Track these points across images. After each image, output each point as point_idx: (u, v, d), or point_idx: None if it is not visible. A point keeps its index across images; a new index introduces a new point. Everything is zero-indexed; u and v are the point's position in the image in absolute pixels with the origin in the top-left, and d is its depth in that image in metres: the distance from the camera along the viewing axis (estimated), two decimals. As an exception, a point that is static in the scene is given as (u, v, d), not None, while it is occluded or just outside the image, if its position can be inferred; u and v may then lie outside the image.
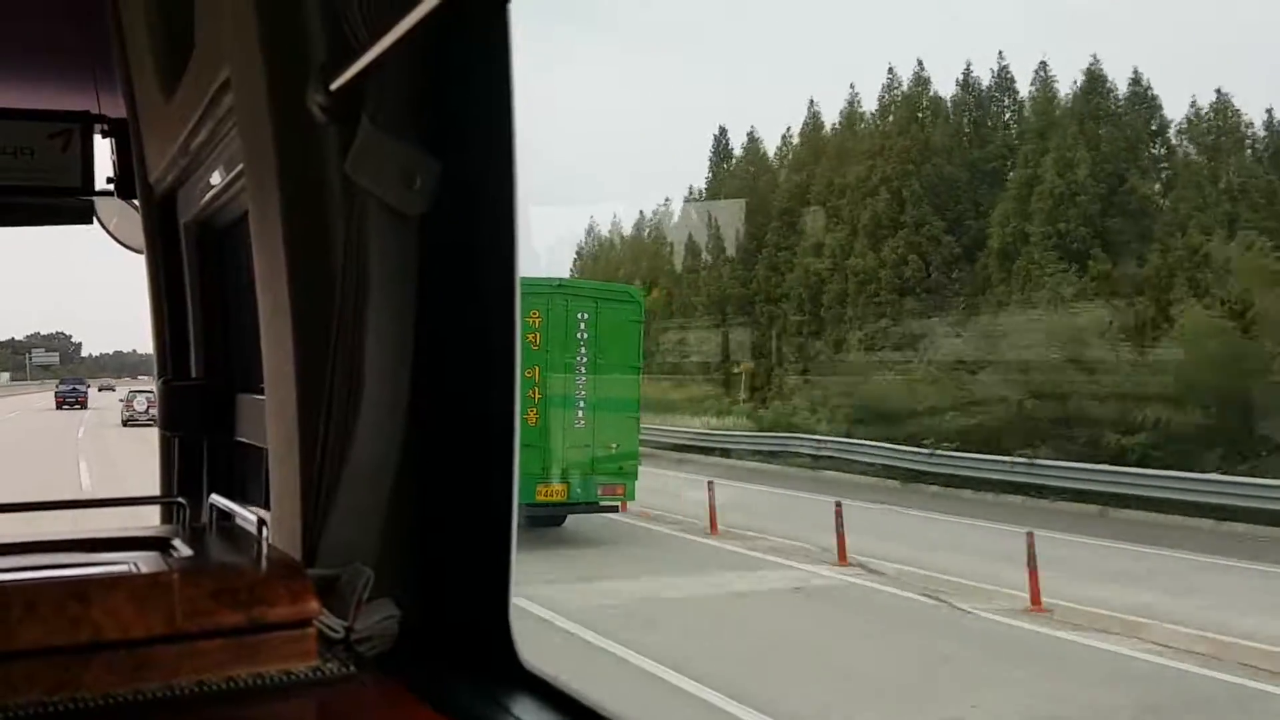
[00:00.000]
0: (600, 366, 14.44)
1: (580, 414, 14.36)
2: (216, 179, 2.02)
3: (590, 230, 46.07)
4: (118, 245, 2.87)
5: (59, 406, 49.04)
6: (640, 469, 15.11)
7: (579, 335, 14.21)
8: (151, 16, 2.10)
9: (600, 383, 14.48)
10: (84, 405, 49.65)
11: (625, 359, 14.71)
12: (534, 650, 1.33)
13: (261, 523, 1.27)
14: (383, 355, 1.35)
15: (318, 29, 1.36)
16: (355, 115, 1.31)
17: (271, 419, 1.56)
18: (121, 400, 39.91)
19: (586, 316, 14.26)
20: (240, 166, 1.76)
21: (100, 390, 61.50)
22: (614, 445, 14.58)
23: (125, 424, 34.87)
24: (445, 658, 1.35)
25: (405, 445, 1.39)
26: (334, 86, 1.32)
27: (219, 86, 1.70)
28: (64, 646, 1.11)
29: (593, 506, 14.52)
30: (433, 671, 1.30)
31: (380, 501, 1.39)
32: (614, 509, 14.91)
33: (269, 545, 1.27)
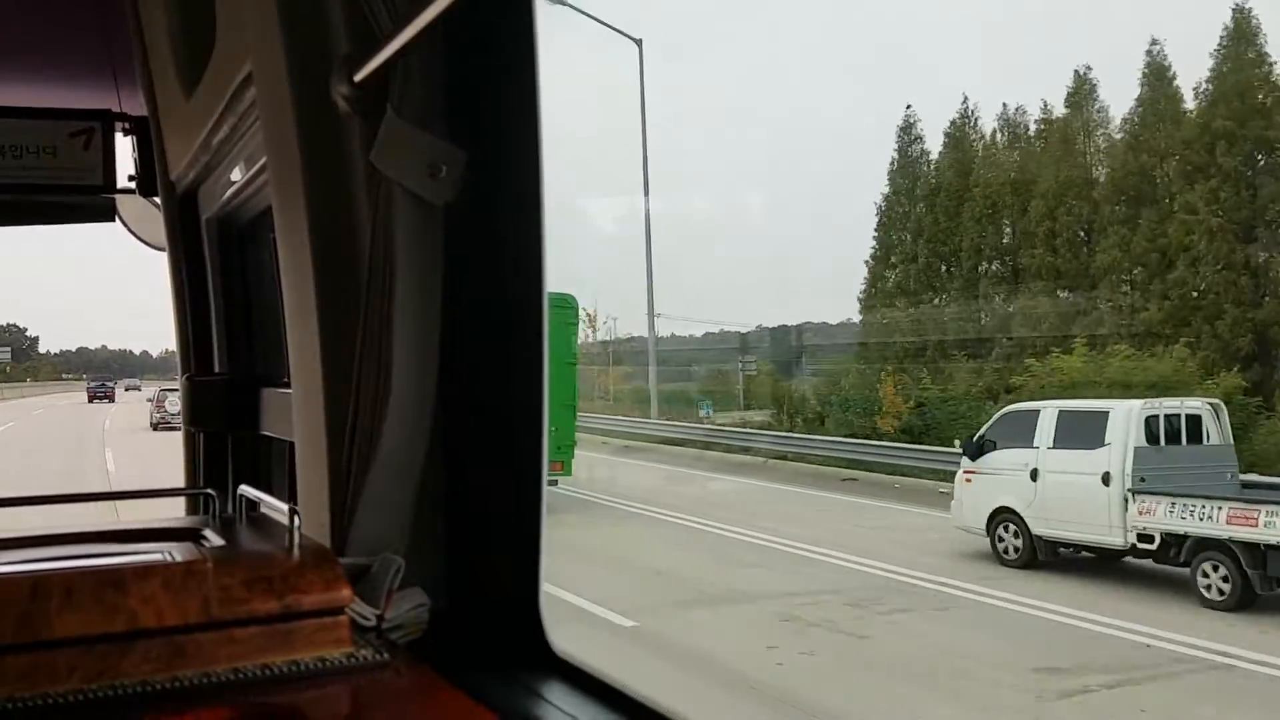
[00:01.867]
0: (542, 362, 16.66)
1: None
2: (237, 175, 2.04)
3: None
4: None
5: (90, 400, 53.35)
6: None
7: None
8: (171, 15, 2.12)
9: (542, 376, 16.70)
10: (111, 399, 54.18)
11: (561, 356, 16.26)
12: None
13: (294, 512, 1.28)
14: (410, 345, 1.36)
15: (340, 21, 1.36)
16: (380, 106, 1.32)
17: (298, 412, 1.57)
18: (150, 400, 35.00)
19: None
20: (262, 162, 1.77)
21: (126, 390, 62.42)
22: (554, 429, 16.99)
23: (155, 428, 29.94)
24: (476, 645, 1.36)
25: (433, 435, 1.40)
26: (358, 78, 1.33)
27: (241, 82, 1.71)
28: (102, 635, 1.12)
29: (536, 480, 16.86)
30: (464, 659, 1.31)
31: (409, 491, 1.40)
32: (553, 483, 16.58)
33: (300, 535, 1.28)
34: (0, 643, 1.09)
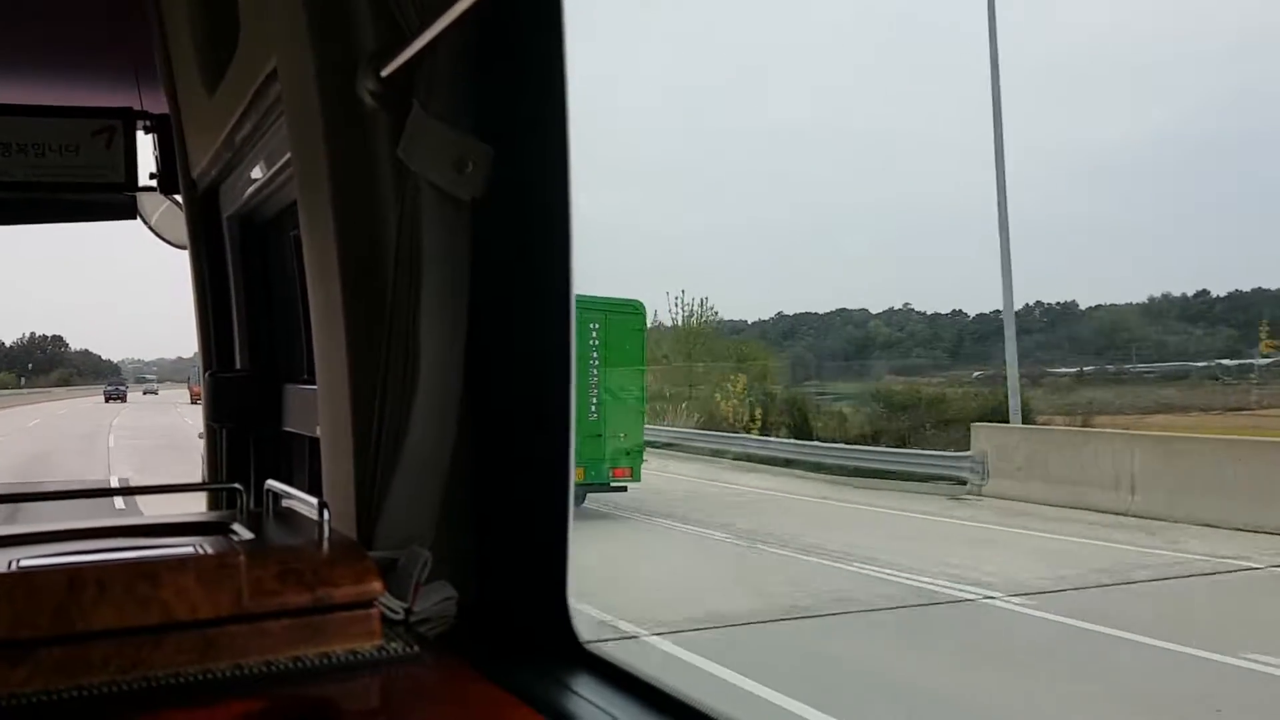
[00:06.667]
0: (610, 368, 16.63)
1: (594, 407, 16.22)
2: (259, 172, 2.04)
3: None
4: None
5: (107, 401, 55.11)
6: None
7: (591, 341, 16.11)
8: (194, 12, 2.13)
9: (611, 382, 16.64)
10: (124, 400, 56.47)
11: (631, 362, 17.01)
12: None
13: (323, 505, 1.29)
14: (437, 341, 1.36)
15: (367, 16, 1.37)
16: (406, 102, 1.32)
17: (324, 407, 1.58)
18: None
19: (597, 326, 16.19)
20: (285, 159, 1.77)
21: (145, 394, 62.63)
22: (623, 434, 16.54)
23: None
24: (504, 638, 1.37)
25: (460, 429, 1.40)
26: (385, 73, 1.33)
27: (264, 79, 1.71)
28: (135, 627, 1.13)
29: (605, 486, 16.32)
30: (492, 652, 1.31)
31: (436, 485, 1.41)
32: (623, 489, 16.64)
33: (330, 528, 1.29)
34: (37, 635, 1.10)
